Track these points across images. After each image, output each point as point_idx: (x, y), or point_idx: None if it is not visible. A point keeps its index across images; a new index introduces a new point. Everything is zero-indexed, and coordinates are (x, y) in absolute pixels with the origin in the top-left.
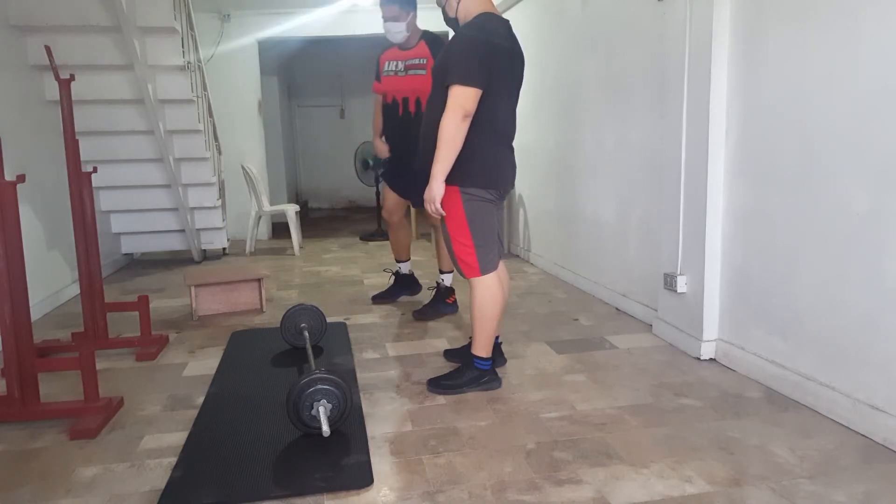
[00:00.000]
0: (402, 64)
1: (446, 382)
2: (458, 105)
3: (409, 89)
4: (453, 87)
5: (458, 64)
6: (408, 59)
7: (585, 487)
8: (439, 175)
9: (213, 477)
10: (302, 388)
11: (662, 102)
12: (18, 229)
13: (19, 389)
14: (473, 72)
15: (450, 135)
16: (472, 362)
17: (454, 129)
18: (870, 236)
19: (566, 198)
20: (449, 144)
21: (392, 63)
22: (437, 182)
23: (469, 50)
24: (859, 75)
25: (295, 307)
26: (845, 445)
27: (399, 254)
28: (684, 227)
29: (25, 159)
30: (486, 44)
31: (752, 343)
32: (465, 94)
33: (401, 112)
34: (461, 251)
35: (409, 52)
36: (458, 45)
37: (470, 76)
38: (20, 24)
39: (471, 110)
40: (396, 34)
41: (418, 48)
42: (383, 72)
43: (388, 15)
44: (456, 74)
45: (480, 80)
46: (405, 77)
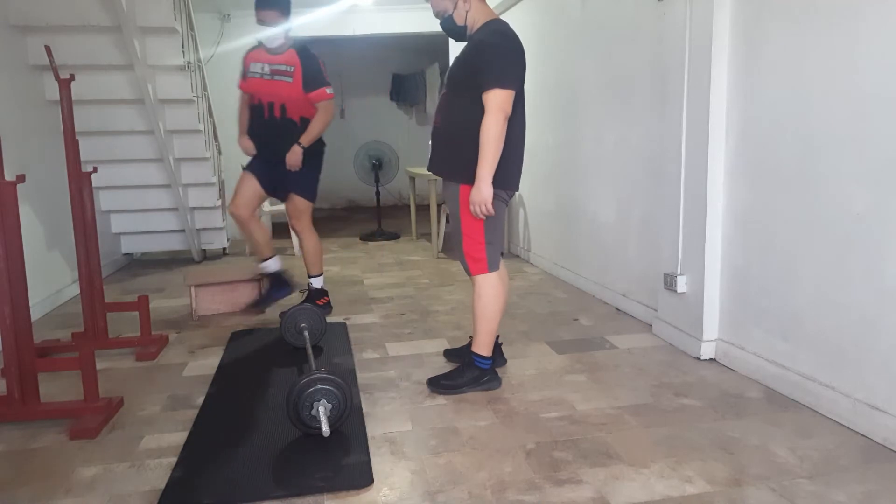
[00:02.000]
0: (268, 67)
1: (446, 382)
2: (499, 108)
3: (275, 94)
4: (492, 91)
5: (494, 67)
6: (274, 63)
7: (585, 487)
8: (488, 177)
9: (213, 477)
10: (302, 388)
11: (662, 103)
12: (18, 229)
13: (19, 389)
14: (509, 74)
15: (495, 136)
16: (473, 361)
17: (499, 131)
18: (869, 236)
19: (566, 198)
20: (495, 146)
21: (257, 65)
22: (487, 183)
23: (502, 54)
24: (859, 75)
25: (295, 307)
26: (845, 445)
27: (263, 251)
28: (684, 228)
29: (25, 159)
30: (515, 45)
31: (752, 343)
32: (505, 97)
33: (266, 115)
34: (472, 248)
35: (276, 58)
36: (489, 49)
37: (507, 79)
38: (20, 24)
39: (510, 112)
40: (274, 38)
41: (287, 56)
42: (248, 73)
43: (266, 20)
44: (493, 78)
45: (515, 82)
46: (271, 82)
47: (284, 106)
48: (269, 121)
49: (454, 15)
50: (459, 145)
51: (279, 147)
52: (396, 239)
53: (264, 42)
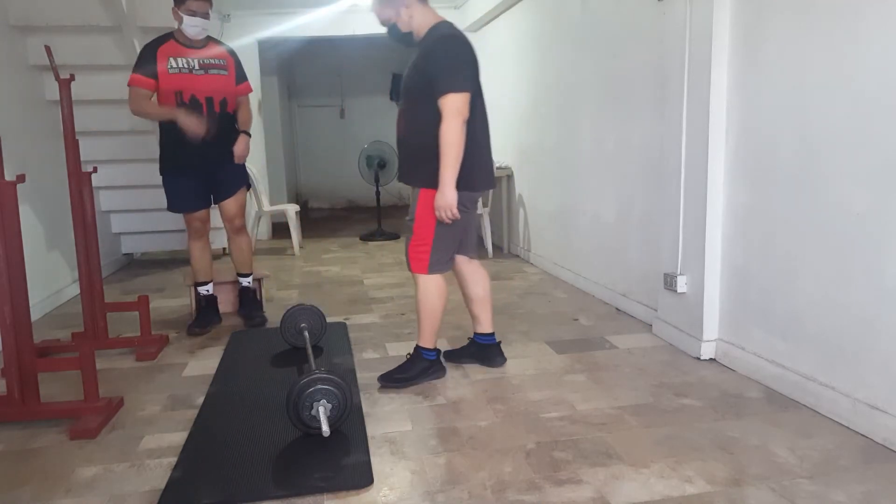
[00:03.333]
0: (197, 62)
1: (399, 375)
2: (457, 111)
3: (213, 89)
4: (447, 97)
5: (445, 72)
6: (203, 57)
7: (585, 487)
8: (451, 181)
9: (213, 477)
10: (302, 388)
11: (662, 102)
12: (18, 229)
13: (19, 389)
14: (461, 77)
15: (455, 140)
16: (421, 354)
17: (458, 135)
18: (869, 236)
19: (566, 198)
20: (455, 150)
21: (179, 60)
22: (450, 188)
23: (452, 57)
24: (859, 75)
25: (295, 307)
26: (845, 445)
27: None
28: (684, 227)
29: (25, 159)
30: (463, 47)
31: (752, 343)
32: (461, 100)
33: (205, 111)
34: (417, 247)
35: (202, 52)
36: (439, 55)
37: (459, 82)
38: (20, 24)
39: (467, 115)
40: (202, 31)
41: (211, 49)
42: (169, 69)
43: (201, 11)
44: (447, 83)
45: (468, 83)
46: (205, 76)
47: (225, 101)
48: (208, 118)
49: (398, 23)
50: (423, 152)
51: (216, 147)
52: (396, 239)
53: (189, 35)
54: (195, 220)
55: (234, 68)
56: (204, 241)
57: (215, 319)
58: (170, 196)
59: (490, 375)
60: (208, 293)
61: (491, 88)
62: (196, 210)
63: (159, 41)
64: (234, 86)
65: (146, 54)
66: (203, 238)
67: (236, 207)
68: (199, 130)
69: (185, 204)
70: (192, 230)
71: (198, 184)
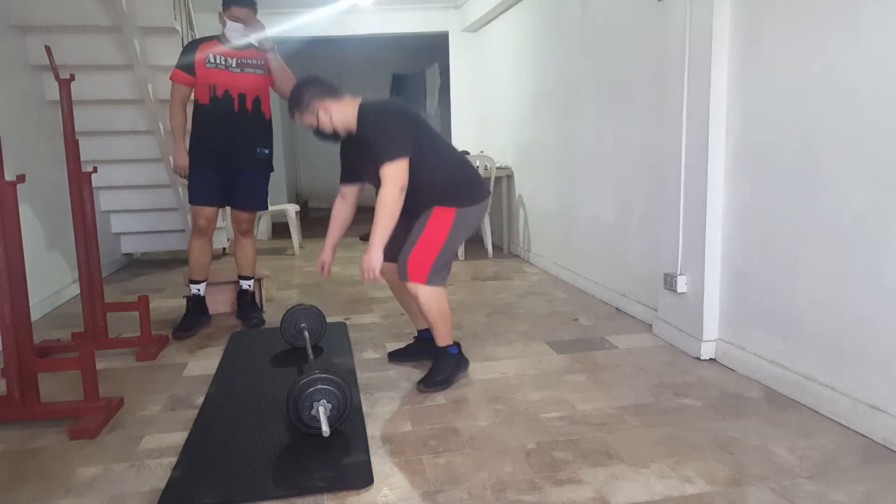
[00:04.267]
0: (234, 60)
1: (440, 378)
2: (394, 181)
3: (247, 86)
4: (385, 167)
5: (380, 145)
6: (241, 57)
7: (585, 487)
8: (379, 245)
9: (213, 477)
10: (302, 388)
11: (662, 102)
12: (18, 229)
13: (19, 389)
14: (394, 145)
15: (390, 207)
16: (446, 351)
17: (394, 203)
18: (869, 236)
19: (566, 198)
20: (389, 216)
21: (218, 57)
22: (377, 251)
23: (381, 130)
24: (859, 75)
25: (295, 307)
26: (845, 445)
27: (201, 273)
28: (684, 227)
29: (25, 159)
30: (388, 114)
31: (752, 343)
32: (397, 169)
33: (237, 108)
34: (419, 257)
35: (241, 52)
36: (371, 134)
37: (394, 150)
38: (20, 24)
39: (405, 182)
40: (244, 37)
41: (251, 51)
42: (206, 63)
43: (245, 18)
44: (383, 155)
45: (405, 149)
46: (241, 74)
47: (259, 99)
48: (239, 114)
49: (320, 127)
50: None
51: (242, 145)
52: None
53: (231, 39)
54: (202, 216)
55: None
56: (206, 240)
57: (203, 319)
58: (191, 185)
59: (490, 375)
60: (199, 293)
61: (491, 88)
62: (209, 204)
63: (203, 39)
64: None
65: (188, 49)
66: (206, 237)
67: (244, 217)
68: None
69: (201, 196)
70: (197, 228)
71: (218, 180)
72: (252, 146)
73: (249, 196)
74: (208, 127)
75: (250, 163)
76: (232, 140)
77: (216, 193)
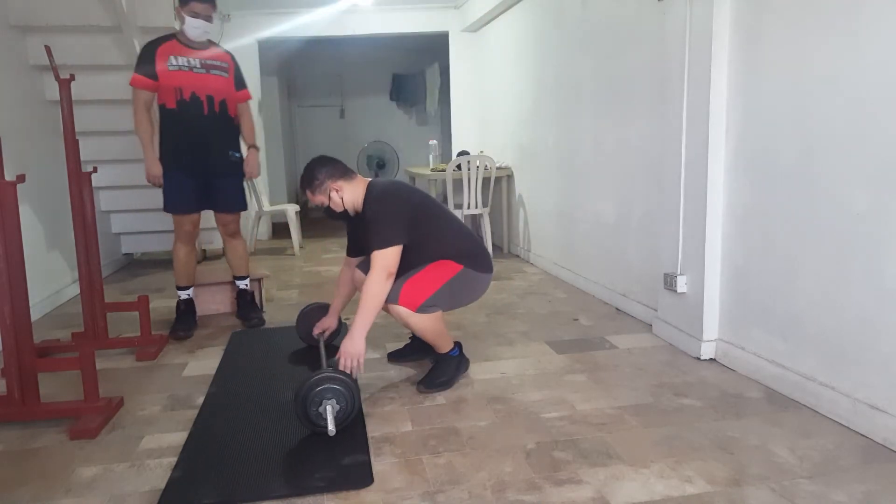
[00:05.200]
0: (198, 61)
1: (441, 380)
2: (383, 267)
3: (213, 88)
4: (375, 254)
5: (374, 232)
6: (205, 58)
7: (585, 487)
8: (362, 331)
9: (213, 477)
10: (313, 384)
11: (662, 102)
12: (18, 229)
13: (19, 389)
14: (388, 232)
15: (376, 294)
16: (448, 355)
17: (380, 289)
18: (869, 236)
19: (566, 198)
20: (375, 302)
21: (180, 59)
22: (360, 337)
23: (380, 218)
24: (859, 75)
25: (311, 305)
26: (845, 445)
27: (189, 279)
28: (684, 227)
29: (25, 159)
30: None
31: (752, 343)
32: (388, 256)
33: (206, 111)
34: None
35: (203, 52)
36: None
37: (387, 239)
38: (20, 24)
39: (394, 269)
40: (204, 33)
41: (213, 51)
42: (169, 66)
43: (204, 13)
44: (375, 241)
45: (397, 236)
46: (206, 75)
47: (224, 102)
48: (209, 117)
49: (331, 205)
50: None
51: (214, 148)
52: None
53: (191, 36)
54: (186, 222)
55: (234, 73)
56: (191, 245)
57: (194, 325)
58: (167, 195)
59: (490, 375)
60: (188, 297)
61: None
62: (190, 212)
63: (160, 40)
64: (234, 90)
65: (146, 53)
66: (191, 243)
67: (228, 220)
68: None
69: (181, 205)
70: (182, 233)
71: (195, 185)
72: (224, 149)
73: (230, 198)
74: (179, 132)
75: (225, 166)
76: (205, 144)
77: (195, 199)
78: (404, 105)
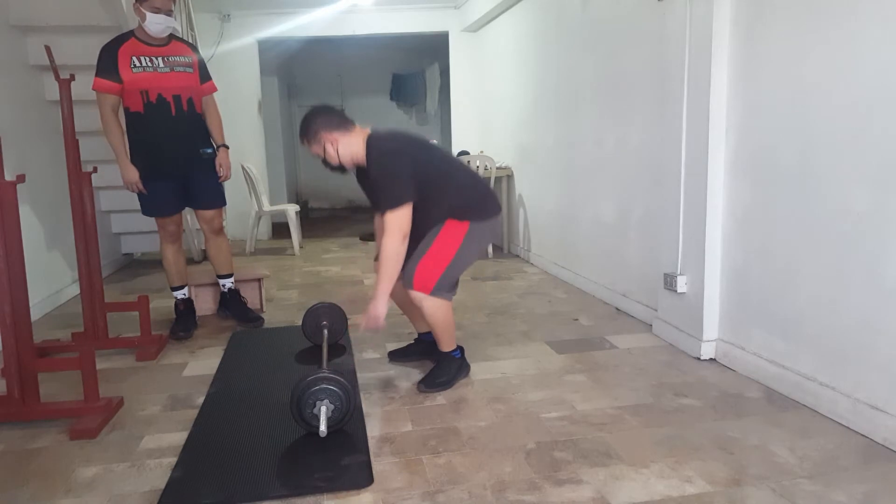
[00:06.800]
0: (161, 60)
1: (441, 380)
2: (397, 228)
3: (179, 87)
4: (388, 215)
5: (385, 193)
6: (168, 55)
7: (585, 487)
8: (384, 295)
9: (213, 477)
10: (307, 385)
11: (662, 102)
12: (18, 229)
13: (19, 389)
14: (398, 193)
15: (393, 257)
16: (449, 355)
17: (397, 251)
18: (869, 236)
19: (566, 198)
20: (393, 265)
21: (143, 59)
22: (382, 301)
23: (387, 175)
24: (859, 75)
25: (317, 305)
26: (845, 445)
27: (182, 278)
28: (684, 227)
29: (25, 159)
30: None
31: (752, 343)
32: (400, 217)
33: (174, 111)
34: (430, 265)
35: (165, 49)
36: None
37: (397, 198)
38: (20, 24)
39: (407, 229)
40: (166, 28)
41: (174, 47)
42: (132, 67)
43: (165, 8)
44: (385, 203)
45: (406, 194)
46: (170, 74)
47: (191, 100)
48: (177, 118)
49: (327, 158)
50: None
51: (186, 148)
52: None
53: (152, 32)
54: (170, 223)
55: (199, 67)
56: (178, 245)
57: (194, 325)
58: (143, 200)
59: (490, 375)
60: (185, 296)
61: (491, 88)
62: (171, 214)
63: (119, 41)
64: (199, 84)
65: (106, 56)
66: (177, 242)
67: (211, 217)
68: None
69: (160, 208)
70: (167, 234)
71: (171, 187)
72: (196, 147)
73: (209, 195)
74: (149, 136)
75: (200, 164)
76: (177, 145)
77: (174, 200)
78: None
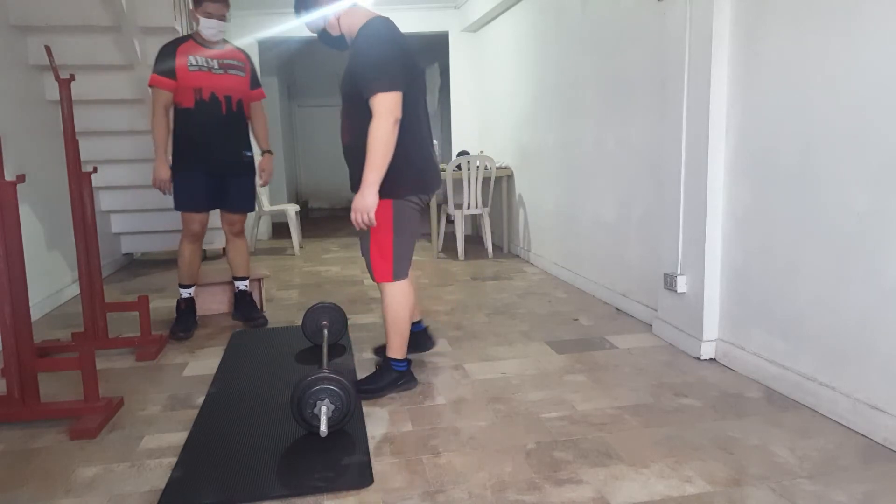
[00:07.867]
0: (216, 62)
1: (366, 387)
2: (388, 111)
3: (231, 88)
4: (377, 96)
5: (376, 70)
6: (222, 58)
7: (585, 487)
8: (374, 184)
9: (213, 477)
10: (308, 384)
11: (662, 102)
12: (18, 229)
13: (19, 389)
14: (389, 75)
15: (383, 141)
16: (391, 365)
17: (387, 136)
18: (870, 236)
19: (566, 198)
20: (383, 151)
21: (198, 58)
22: (372, 191)
23: (382, 54)
24: (859, 75)
25: (317, 305)
26: (845, 445)
27: (193, 277)
28: (684, 227)
29: (25, 159)
30: (395, 43)
31: (752, 343)
32: (391, 100)
33: (225, 110)
34: (378, 257)
35: (219, 52)
36: (368, 51)
37: (391, 81)
38: (20, 24)
39: (399, 115)
40: (219, 32)
41: (230, 52)
42: (189, 66)
43: (218, 13)
44: (377, 82)
45: (398, 81)
46: (224, 75)
47: (241, 101)
48: (227, 117)
49: (327, 27)
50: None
51: (231, 148)
52: None
53: (206, 36)
54: (195, 221)
55: (250, 72)
56: (198, 245)
57: (194, 325)
58: (178, 193)
59: (490, 375)
60: (189, 296)
61: (491, 88)
62: (200, 211)
63: (179, 41)
64: (250, 89)
65: (165, 53)
66: (198, 242)
67: (235, 219)
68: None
69: (193, 203)
70: (190, 232)
71: (209, 185)
72: (240, 149)
73: (242, 198)
74: (196, 132)
75: (241, 166)
76: (222, 144)
77: (207, 199)
78: None
